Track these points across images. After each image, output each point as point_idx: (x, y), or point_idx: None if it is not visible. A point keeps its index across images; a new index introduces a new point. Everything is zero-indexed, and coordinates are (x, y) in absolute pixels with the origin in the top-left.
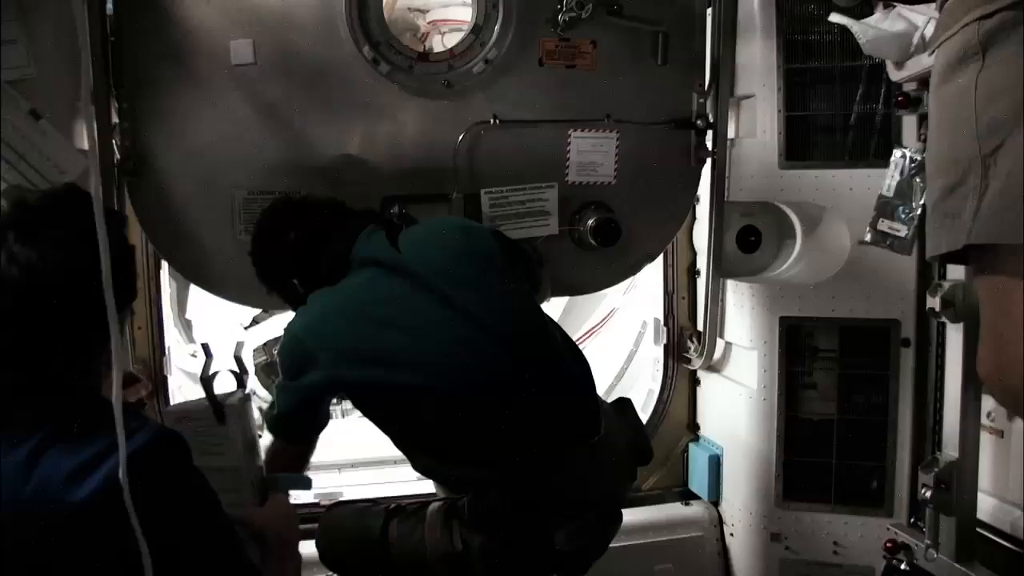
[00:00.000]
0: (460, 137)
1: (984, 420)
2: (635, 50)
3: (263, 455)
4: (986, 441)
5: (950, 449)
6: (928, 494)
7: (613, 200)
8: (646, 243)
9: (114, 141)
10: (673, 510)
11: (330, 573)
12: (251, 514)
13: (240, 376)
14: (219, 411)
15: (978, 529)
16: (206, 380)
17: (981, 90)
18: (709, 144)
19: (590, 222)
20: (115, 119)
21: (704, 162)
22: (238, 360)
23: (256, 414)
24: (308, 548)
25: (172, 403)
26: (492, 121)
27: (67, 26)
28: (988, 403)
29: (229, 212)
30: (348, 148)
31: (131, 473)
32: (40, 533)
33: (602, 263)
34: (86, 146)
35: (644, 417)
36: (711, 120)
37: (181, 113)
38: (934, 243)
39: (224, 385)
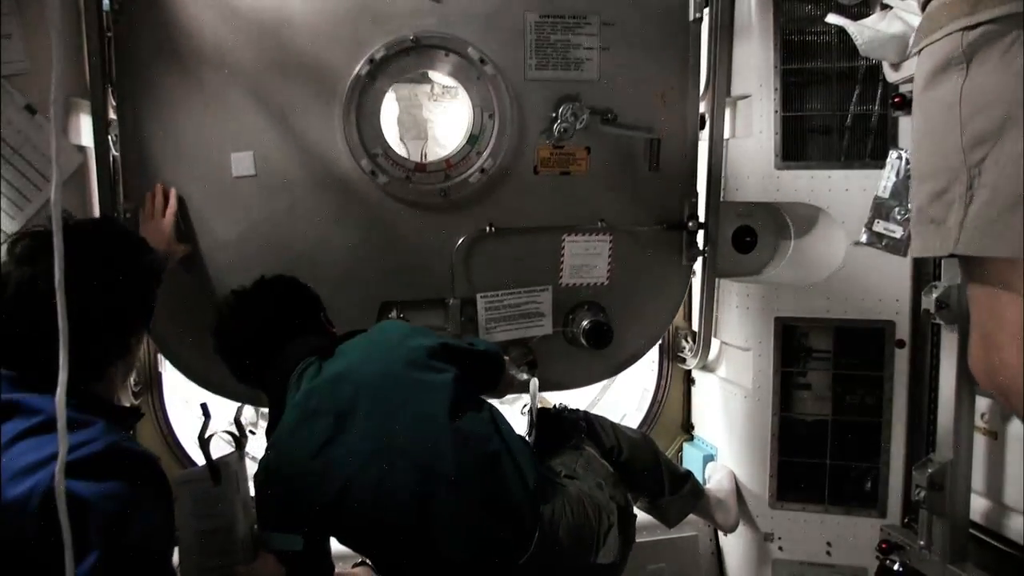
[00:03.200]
0: (457, 244)
1: (978, 421)
2: (628, 155)
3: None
4: (979, 442)
5: (944, 450)
6: (922, 495)
7: (606, 299)
8: (638, 339)
9: (110, 138)
10: None
11: None
12: (239, 573)
13: (239, 439)
14: (215, 470)
15: (971, 530)
16: (203, 441)
17: (966, 101)
18: (700, 243)
19: (584, 324)
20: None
21: (696, 259)
22: (238, 424)
23: (250, 472)
24: None
25: (165, 399)
26: (488, 229)
27: (65, 19)
28: (982, 405)
29: None
30: (347, 255)
31: (70, 475)
32: None
33: (594, 360)
34: (85, 143)
35: (639, 416)
36: (702, 221)
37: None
38: (920, 245)
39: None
